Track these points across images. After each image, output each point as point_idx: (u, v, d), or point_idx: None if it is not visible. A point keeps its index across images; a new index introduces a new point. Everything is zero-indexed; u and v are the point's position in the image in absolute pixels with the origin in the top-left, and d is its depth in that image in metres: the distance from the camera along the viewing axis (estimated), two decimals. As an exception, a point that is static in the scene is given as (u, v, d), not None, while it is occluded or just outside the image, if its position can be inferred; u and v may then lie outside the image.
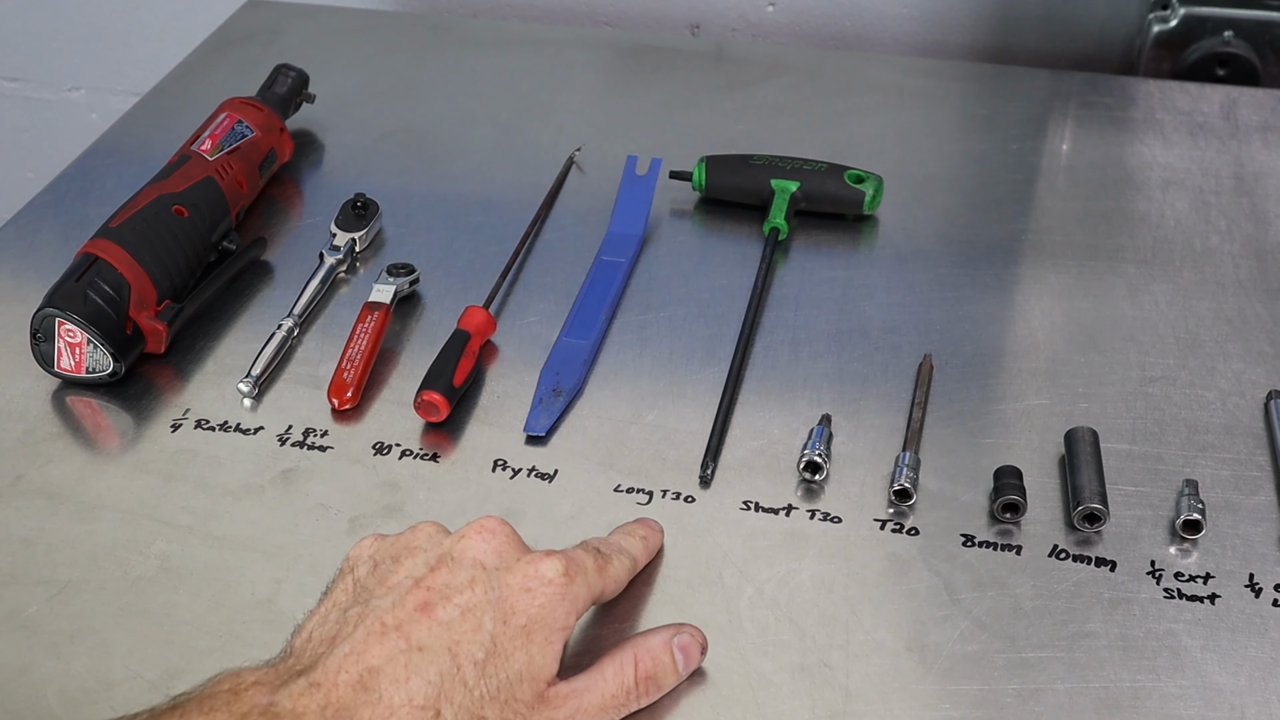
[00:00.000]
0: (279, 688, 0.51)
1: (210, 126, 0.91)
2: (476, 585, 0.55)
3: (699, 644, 0.60)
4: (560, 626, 0.56)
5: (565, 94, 1.10)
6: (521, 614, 0.55)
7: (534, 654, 0.55)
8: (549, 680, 0.55)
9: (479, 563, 0.56)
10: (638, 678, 0.58)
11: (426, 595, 0.55)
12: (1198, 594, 0.65)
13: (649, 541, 0.65)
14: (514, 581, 0.56)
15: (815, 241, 0.91)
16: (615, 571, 0.61)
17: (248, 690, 0.51)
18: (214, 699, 0.51)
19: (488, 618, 0.54)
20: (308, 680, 0.52)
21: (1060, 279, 0.87)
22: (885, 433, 0.74)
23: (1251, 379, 0.78)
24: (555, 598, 0.56)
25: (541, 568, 0.57)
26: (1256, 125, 1.03)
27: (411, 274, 0.85)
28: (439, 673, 0.53)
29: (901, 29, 1.29)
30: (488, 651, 0.54)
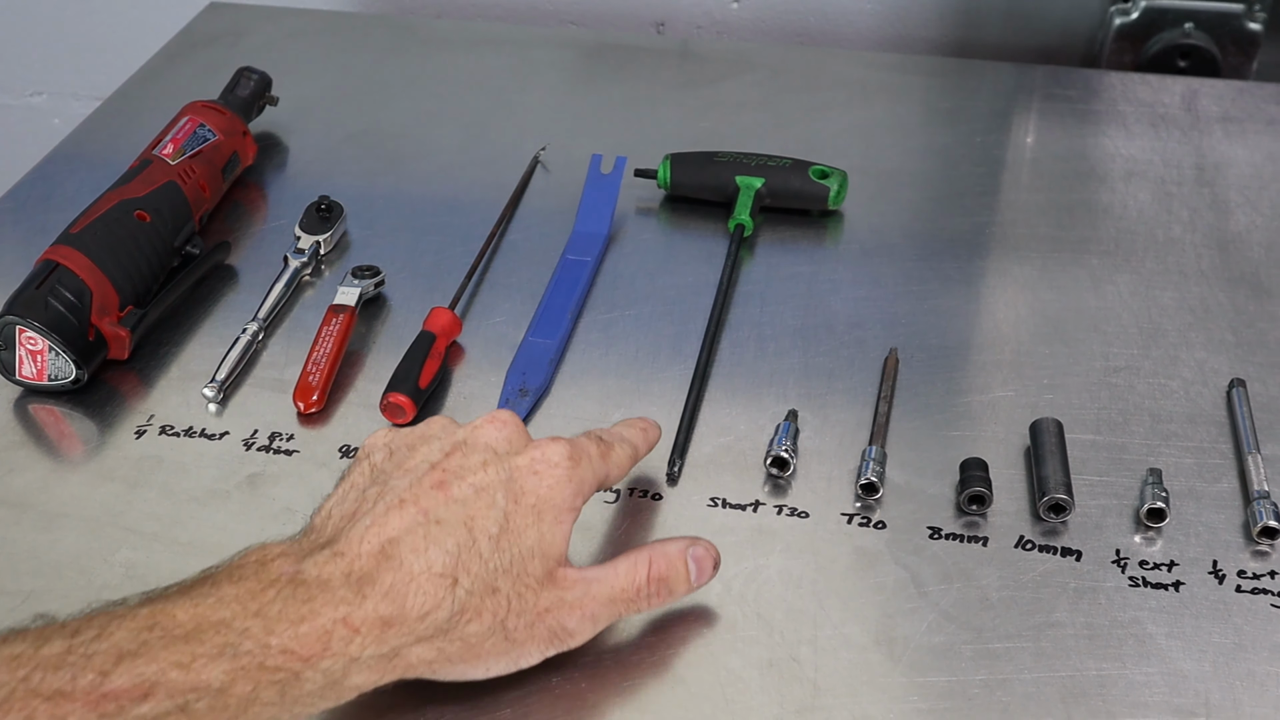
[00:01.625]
0: (304, 558, 0.54)
1: (172, 130, 0.91)
2: (489, 467, 0.58)
3: (712, 558, 0.62)
4: (567, 507, 0.59)
5: (530, 93, 1.10)
6: (531, 494, 0.58)
7: (544, 532, 0.57)
8: (559, 560, 0.58)
9: (490, 447, 0.59)
10: (650, 576, 0.60)
11: (442, 475, 0.57)
12: (1162, 582, 0.65)
13: (648, 434, 0.67)
14: (523, 464, 0.58)
15: (780, 237, 0.91)
16: (618, 457, 0.63)
17: (274, 561, 0.53)
18: (242, 569, 0.53)
19: (500, 495, 0.57)
20: (331, 550, 0.54)
21: (1025, 271, 0.87)
22: (851, 427, 0.75)
23: (1214, 367, 0.79)
24: (562, 479, 0.58)
25: (548, 452, 0.59)
26: (1217, 116, 1.04)
27: (377, 276, 0.84)
28: (456, 544, 0.55)
29: (865, 24, 1.30)
30: (500, 527, 0.56)
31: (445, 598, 0.54)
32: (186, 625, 0.49)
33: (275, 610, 0.51)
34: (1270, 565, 0.66)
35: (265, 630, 0.50)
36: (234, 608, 0.51)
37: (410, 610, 0.53)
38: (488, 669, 0.57)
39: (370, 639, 0.52)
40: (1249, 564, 0.66)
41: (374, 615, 0.53)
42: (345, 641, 0.52)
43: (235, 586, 0.52)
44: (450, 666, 0.56)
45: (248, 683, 0.49)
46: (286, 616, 0.51)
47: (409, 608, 0.53)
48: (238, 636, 0.50)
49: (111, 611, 0.50)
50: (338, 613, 0.52)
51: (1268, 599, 0.64)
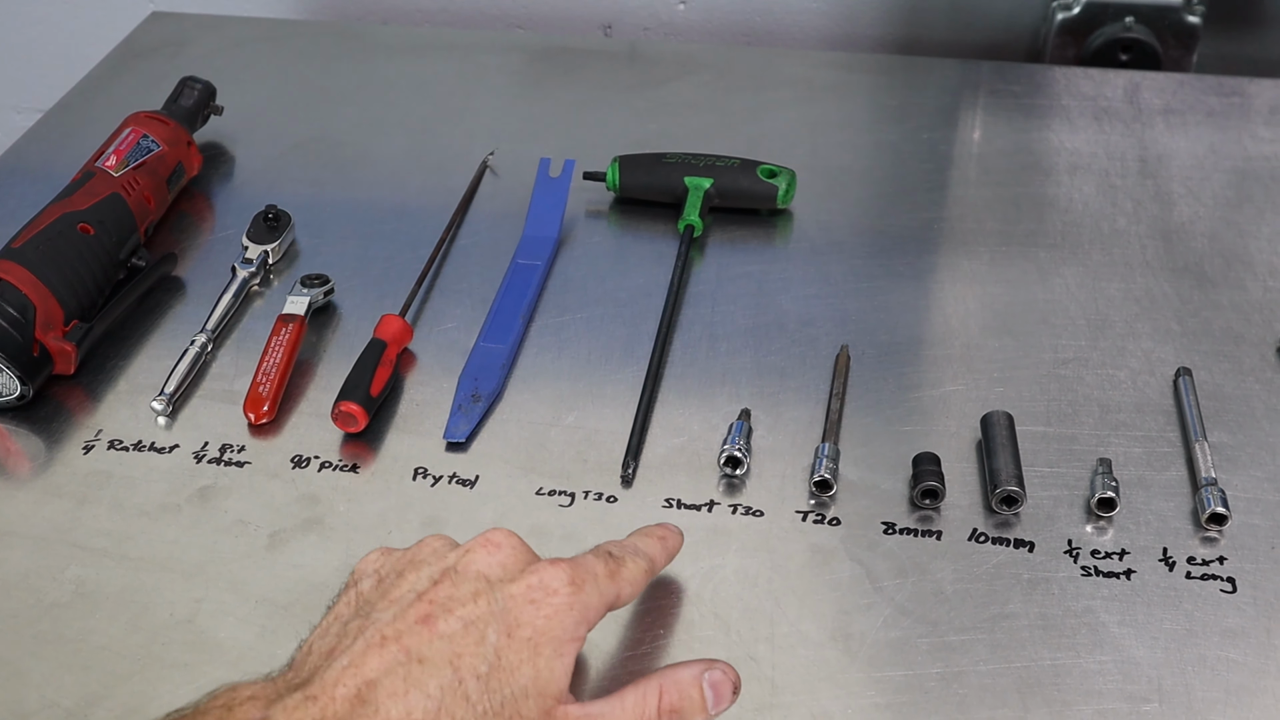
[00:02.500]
0: (274, 702, 0.50)
1: (115, 142, 0.90)
2: (480, 598, 0.53)
3: (731, 682, 0.57)
4: (569, 638, 0.54)
5: (477, 98, 1.09)
6: (527, 626, 0.53)
7: (541, 668, 0.52)
8: (558, 697, 0.53)
9: (483, 575, 0.54)
10: (660, 709, 0.55)
11: (428, 608, 0.53)
12: (1114, 570, 0.66)
13: (667, 543, 0.62)
14: (518, 593, 0.54)
15: (730, 237, 0.91)
16: (630, 574, 0.58)
17: (242, 705, 0.49)
18: (208, 714, 0.49)
19: (491, 630, 0.52)
20: (304, 694, 0.50)
21: (973, 265, 0.88)
22: (804, 425, 0.75)
23: (1160, 357, 0.80)
24: (562, 608, 0.54)
25: (546, 577, 0.54)
26: (1159, 108, 1.05)
27: (326, 284, 0.84)
28: (439, 686, 0.50)
29: (811, 23, 1.30)
30: (491, 665, 0.51)
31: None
32: None
33: None
34: (1219, 551, 0.67)
35: None
36: None
37: None
38: None
39: None
40: (1198, 550, 0.67)
41: None
42: None
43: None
44: None
45: None
46: None
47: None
48: None
49: None
50: None
51: (1217, 584, 0.65)
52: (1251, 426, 0.74)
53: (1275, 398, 0.76)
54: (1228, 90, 1.07)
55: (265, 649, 0.63)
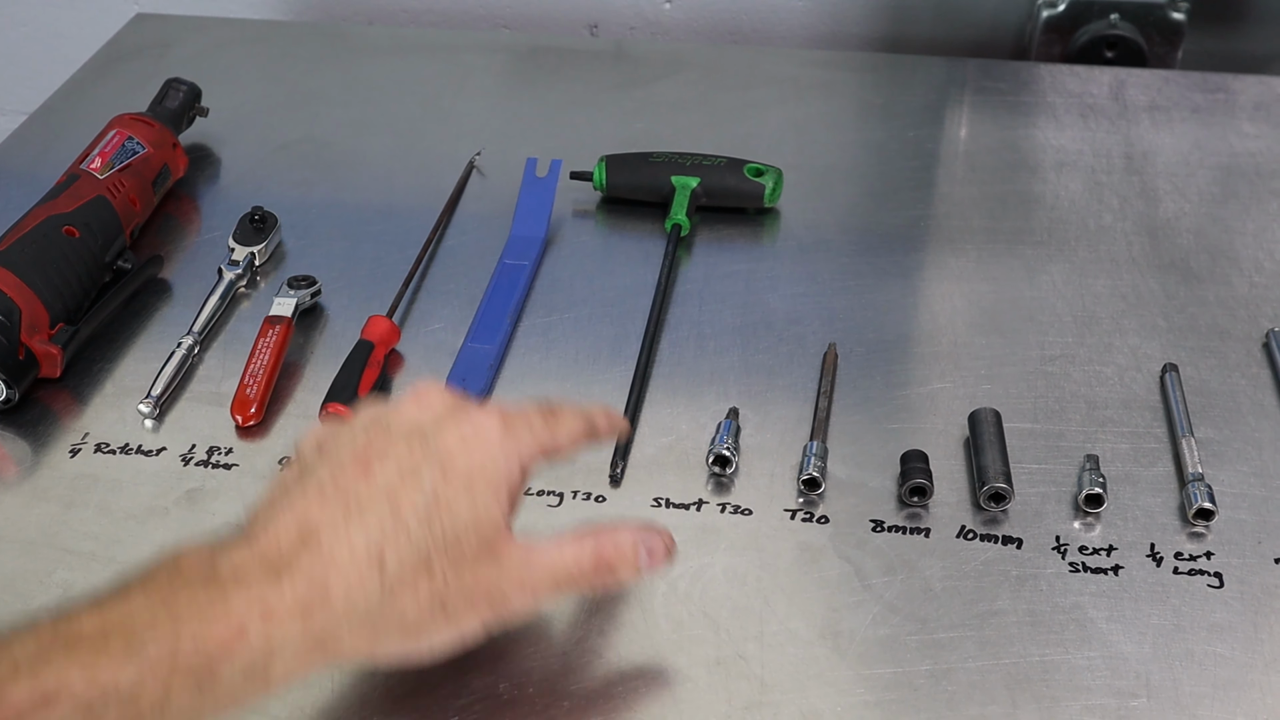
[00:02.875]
0: (218, 554, 0.52)
1: (100, 144, 0.90)
2: (414, 444, 0.56)
3: (665, 547, 0.59)
4: (504, 479, 0.56)
5: (464, 98, 1.09)
6: (461, 467, 0.55)
7: (478, 505, 0.55)
8: (497, 530, 0.55)
9: (415, 426, 0.57)
10: (597, 560, 0.57)
11: (364, 459, 0.55)
12: (1101, 566, 0.66)
13: (611, 419, 0.63)
14: (451, 438, 0.56)
15: (717, 236, 0.91)
16: (568, 424, 0.60)
17: (187, 559, 0.51)
18: (154, 572, 0.51)
19: (426, 472, 0.55)
20: (247, 544, 0.52)
21: (960, 263, 0.88)
22: (792, 423, 0.75)
23: (1147, 353, 0.80)
24: (494, 450, 0.56)
25: (478, 421, 0.57)
26: (1144, 105, 1.05)
27: (313, 286, 0.84)
28: (379, 526, 0.53)
29: (797, 22, 1.30)
30: (429, 504, 0.54)
31: (373, 578, 0.52)
32: (91, 633, 0.48)
33: (184, 607, 0.49)
34: (1206, 546, 0.67)
35: (174, 629, 0.48)
36: (141, 610, 0.49)
37: (334, 594, 0.51)
38: (431, 647, 0.55)
39: (291, 627, 0.50)
40: (1185, 545, 0.67)
41: (293, 602, 0.51)
42: (263, 632, 0.50)
43: (145, 591, 0.50)
44: (389, 650, 0.54)
45: (158, 684, 0.48)
46: (196, 613, 0.49)
47: (332, 591, 0.51)
48: (144, 638, 0.48)
49: (15, 629, 0.48)
50: (252, 602, 0.50)
51: (1204, 579, 0.65)
52: (1238, 422, 0.75)
53: (1261, 393, 0.77)
54: (1212, 86, 1.07)
55: (254, 652, 0.62)
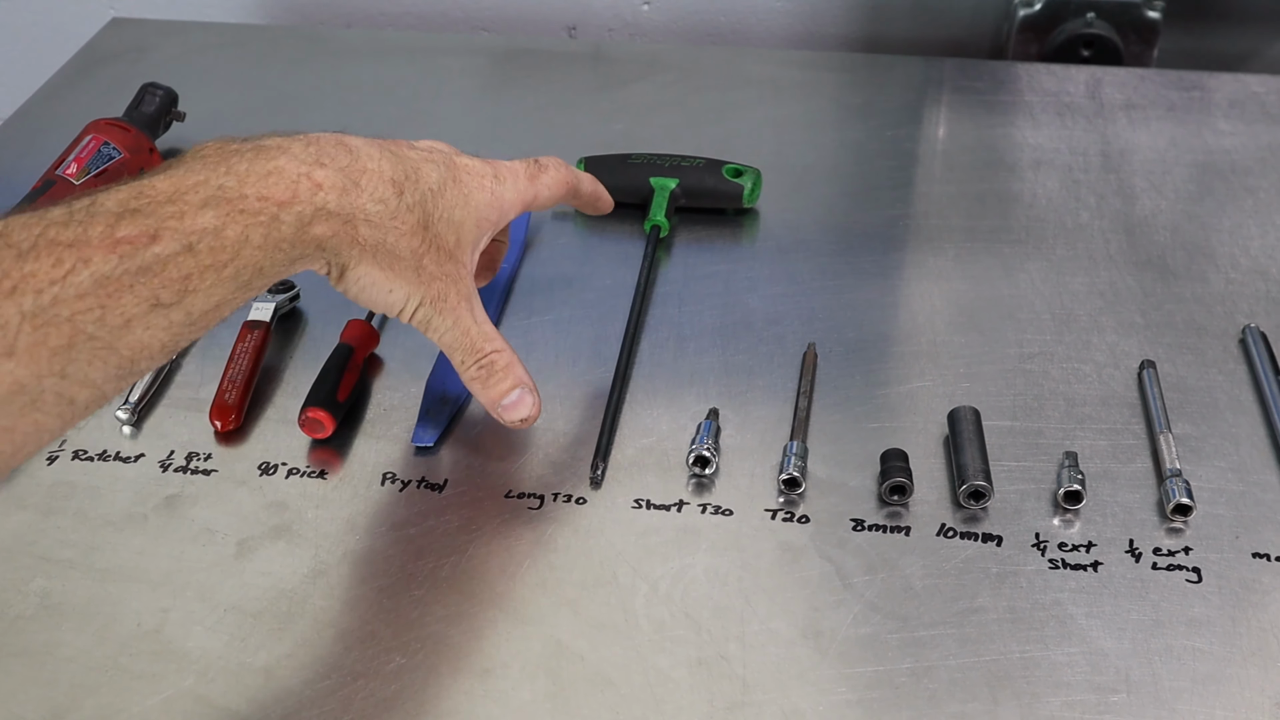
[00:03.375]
0: (261, 137, 0.61)
1: (76, 150, 0.89)
2: (435, 153, 0.67)
3: (529, 411, 0.69)
4: (487, 214, 0.68)
5: (443, 101, 1.09)
6: (464, 184, 0.67)
7: (465, 219, 0.66)
8: (469, 249, 0.67)
9: (437, 148, 0.69)
10: (486, 353, 0.68)
11: (394, 145, 0.66)
12: (1081, 563, 0.66)
13: (598, 184, 0.77)
14: (460, 162, 0.68)
15: (697, 237, 0.91)
16: (549, 179, 0.72)
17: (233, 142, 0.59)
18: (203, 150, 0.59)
19: (442, 166, 0.66)
20: (286, 133, 0.61)
21: (938, 262, 0.88)
22: (772, 423, 0.75)
23: (1125, 350, 0.80)
24: (489, 188, 0.68)
25: (479, 164, 0.69)
26: (1121, 103, 1.06)
27: (291, 290, 0.83)
28: (403, 171, 0.63)
29: (775, 22, 1.31)
30: (440, 187, 0.65)
31: (392, 197, 0.62)
32: (169, 191, 0.54)
33: (244, 168, 0.57)
34: (1184, 542, 0.67)
35: (239, 183, 0.56)
36: (206, 172, 0.56)
37: (363, 189, 0.61)
38: (390, 290, 0.64)
39: (332, 193, 0.59)
40: (1164, 541, 0.67)
41: (333, 179, 0.59)
42: (311, 192, 0.58)
43: (201, 161, 0.57)
44: (373, 265, 0.62)
45: (237, 225, 0.55)
46: (255, 171, 0.57)
47: (363, 186, 0.61)
48: (217, 190, 0.55)
49: (93, 192, 0.54)
50: (302, 168, 0.58)
51: (1182, 575, 0.66)
52: (1215, 417, 0.75)
53: (1238, 388, 0.77)
54: (1188, 85, 1.08)
55: (234, 657, 0.62)
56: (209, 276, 0.54)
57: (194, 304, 0.54)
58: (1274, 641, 0.62)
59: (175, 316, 0.53)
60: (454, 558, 0.67)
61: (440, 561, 0.67)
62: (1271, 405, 0.75)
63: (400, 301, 0.65)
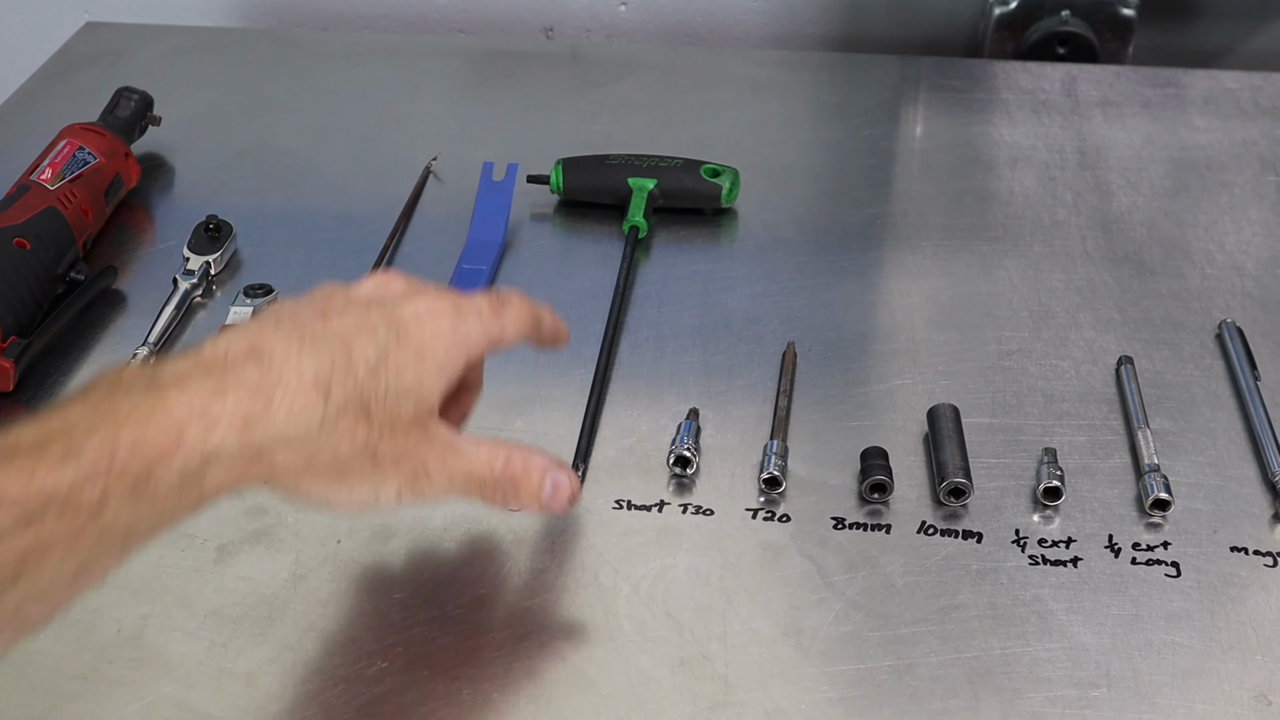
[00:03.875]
0: (160, 364, 0.52)
1: (50, 155, 0.89)
2: (371, 309, 0.57)
3: (570, 490, 0.61)
4: (449, 359, 0.57)
5: (420, 103, 1.09)
6: (414, 338, 0.56)
7: (424, 377, 0.56)
8: (432, 409, 0.57)
9: (374, 298, 0.59)
10: (505, 474, 0.59)
11: (324, 310, 0.57)
12: (1061, 558, 0.67)
13: (556, 322, 0.66)
14: (407, 311, 0.57)
15: (675, 237, 0.91)
16: (514, 313, 0.61)
17: (129, 374, 0.51)
18: (94, 386, 0.51)
19: (382, 330, 0.56)
20: (193, 354, 0.53)
21: (917, 260, 0.89)
22: (753, 422, 0.75)
23: (1102, 346, 0.81)
24: (447, 330, 0.58)
25: (432, 302, 0.58)
26: (1096, 100, 1.06)
27: (270, 294, 0.83)
28: (331, 359, 0.54)
29: (752, 22, 1.31)
30: (379, 358, 0.55)
31: (316, 405, 0.52)
32: (30, 442, 0.47)
33: (125, 410, 0.49)
34: (1163, 536, 0.68)
35: (113, 433, 0.48)
36: (81, 417, 0.48)
37: (276, 411, 0.51)
38: (350, 493, 0.56)
39: (230, 436, 0.50)
40: (1143, 536, 0.68)
41: (235, 410, 0.50)
42: (202, 435, 0.49)
43: (83, 400, 0.50)
44: (315, 486, 0.55)
45: (95, 485, 0.47)
46: (136, 415, 0.49)
47: (275, 408, 0.51)
48: (83, 440, 0.47)
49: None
50: (194, 404, 0.50)
51: (1161, 569, 0.66)
52: (1192, 412, 0.75)
53: (1215, 383, 0.77)
54: (1163, 81, 1.08)
55: (215, 663, 0.62)
56: (58, 548, 0.46)
57: (40, 578, 0.46)
58: (1252, 635, 0.63)
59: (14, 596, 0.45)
60: (435, 561, 0.67)
61: (422, 565, 0.67)
62: (1248, 400, 0.75)
63: (370, 498, 0.56)
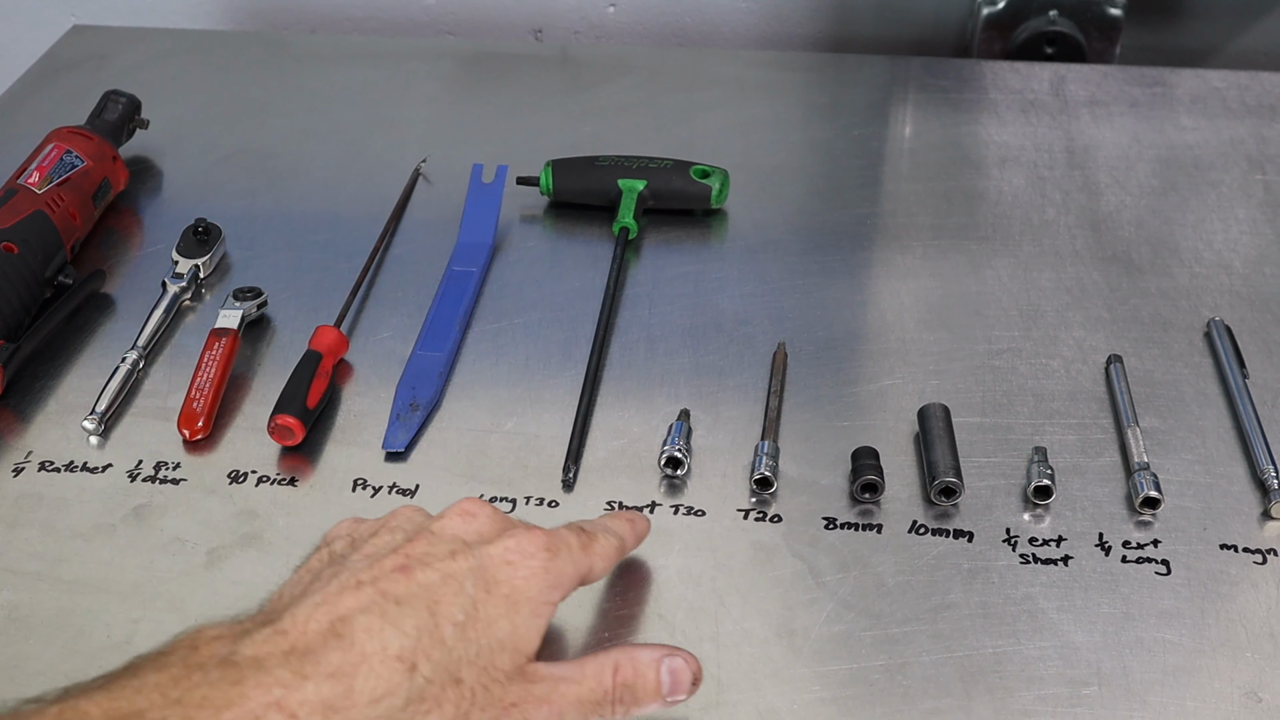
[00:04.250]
0: (240, 637, 0.49)
1: (38, 158, 0.88)
2: (458, 556, 0.54)
3: (691, 672, 0.57)
4: (544, 601, 0.55)
5: (409, 106, 1.09)
6: (505, 584, 0.54)
7: (518, 625, 0.53)
8: (529, 655, 0.54)
9: (459, 538, 0.55)
10: (616, 684, 0.55)
11: (405, 560, 0.53)
12: (1051, 557, 0.67)
13: (635, 525, 0.64)
14: (496, 554, 0.55)
15: (665, 238, 0.91)
16: (602, 548, 0.59)
17: (206, 644, 0.49)
18: (170, 654, 0.48)
19: (469, 583, 0.53)
20: (273, 629, 0.49)
21: (906, 260, 0.89)
22: (744, 423, 0.75)
23: (1092, 345, 0.81)
24: (539, 571, 0.55)
25: (523, 541, 0.56)
26: (1084, 100, 1.07)
27: (259, 297, 0.83)
28: (416, 627, 0.50)
29: (741, 23, 1.31)
30: (468, 615, 0.52)
31: (401, 683, 0.49)
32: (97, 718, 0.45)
33: (198, 696, 0.46)
34: (1153, 534, 0.68)
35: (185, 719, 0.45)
36: (152, 697, 0.46)
37: (359, 694, 0.48)
38: None
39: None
40: (1133, 534, 0.68)
41: (315, 698, 0.47)
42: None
43: (158, 674, 0.47)
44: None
45: None
46: (210, 702, 0.46)
47: (358, 691, 0.48)
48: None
49: (19, 711, 0.45)
50: (271, 696, 0.47)
51: (1152, 567, 0.66)
52: (1181, 411, 0.76)
53: (1204, 381, 0.78)
54: (1150, 81, 1.09)
55: (206, 668, 0.62)
56: None
57: None
58: (1242, 632, 0.63)
59: None
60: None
61: (413, 567, 0.67)
62: (1236, 398, 0.75)
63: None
